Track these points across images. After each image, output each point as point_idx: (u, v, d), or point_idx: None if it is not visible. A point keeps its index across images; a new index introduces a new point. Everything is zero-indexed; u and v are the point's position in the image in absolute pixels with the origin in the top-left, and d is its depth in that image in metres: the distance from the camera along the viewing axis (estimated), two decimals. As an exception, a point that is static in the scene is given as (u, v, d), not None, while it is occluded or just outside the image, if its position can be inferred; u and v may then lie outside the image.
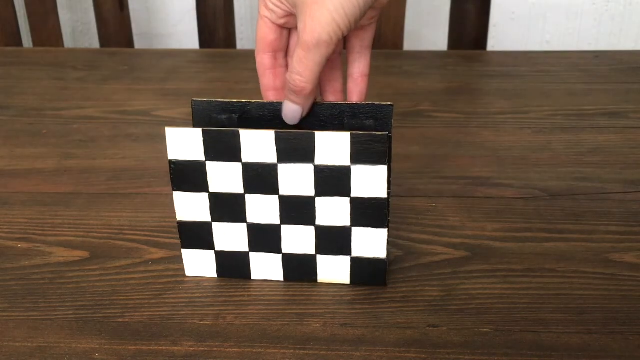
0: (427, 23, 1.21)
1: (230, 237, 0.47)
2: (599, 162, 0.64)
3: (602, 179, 0.61)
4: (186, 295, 0.47)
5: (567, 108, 0.76)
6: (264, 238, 0.47)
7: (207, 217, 0.47)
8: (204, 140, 0.44)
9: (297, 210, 0.46)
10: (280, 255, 0.48)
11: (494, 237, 0.53)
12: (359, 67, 0.48)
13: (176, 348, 0.42)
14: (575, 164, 0.64)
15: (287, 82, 0.45)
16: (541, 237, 0.53)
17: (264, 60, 0.47)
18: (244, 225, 0.47)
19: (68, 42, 1.27)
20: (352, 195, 0.45)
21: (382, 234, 0.46)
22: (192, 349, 0.42)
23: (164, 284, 0.48)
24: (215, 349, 0.42)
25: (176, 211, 0.47)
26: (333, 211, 0.45)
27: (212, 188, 0.46)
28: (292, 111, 0.46)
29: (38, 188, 0.61)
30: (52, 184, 0.62)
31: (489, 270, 0.49)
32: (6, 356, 0.42)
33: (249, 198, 0.46)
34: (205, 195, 0.46)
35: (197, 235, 0.48)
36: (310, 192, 0.45)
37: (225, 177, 0.45)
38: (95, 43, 1.27)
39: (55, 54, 0.98)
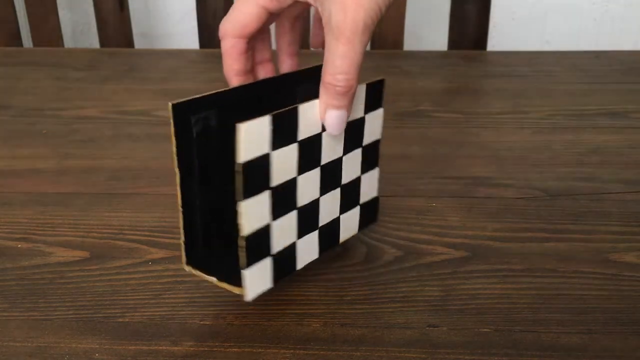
0: (427, 23, 1.21)
1: (284, 232, 0.43)
2: (599, 162, 0.64)
3: (602, 179, 0.61)
4: (186, 295, 0.47)
5: (567, 108, 0.76)
6: (308, 219, 0.44)
7: (267, 219, 0.41)
8: (271, 129, 0.39)
9: (331, 176, 0.44)
10: (317, 232, 0.45)
11: (494, 237, 0.53)
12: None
13: (176, 348, 0.42)
14: (575, 164, 0.64)
15: (328, 86, 0.40)
16: (541, 237, 0.53)
17: (239, 44, 0.44)
18: (295, 212, 0.43)
19: (68, 42, 1.27)
20: (364, 144, 0.46)
21: (375, 174, 0.48)
22: (192, 349, 0.42)
23: (164, 284, 0.48)
24: (215, 349, 0.42)
25: (244, 225, 0.40)
26: (351, 166, 0.46)
27: (274, 182, 0.40)
28: (338, 118, 0.41)
29: (38, 188, 0.61)
30: (52, 184, 0.62)
31: (489, 270, 0.49)
32: (6, 356, 0.42)
33: (300, 179, 0.42)
34: (267, 193, 0.40)
35: (258, 246, 0.41)
36: (340, 153, 0.44)
37: (284, 164, 0.41)
38: (95, 43, 1.27)
39: (55, 54, 0.98)
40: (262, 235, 0.41)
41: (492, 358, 0.41)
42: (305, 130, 0.41)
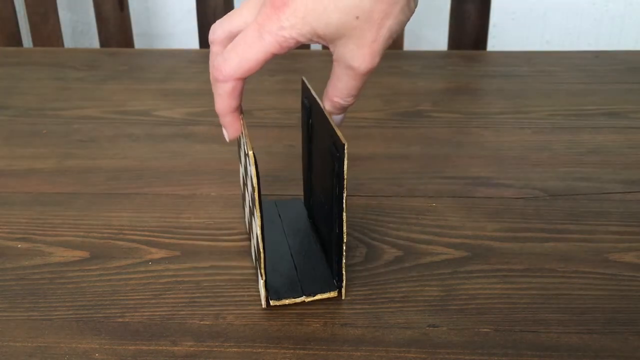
0: (427, 23, 1.21)
1: None
2: (599, 162, 0.64)
3: (602, 179, 0.61)
4: (186, 295, 0.47)
5: (567, 108, 0.76)
6: None
7: None
8: None
9: None
10: None
11: (494, 237, 0.53)
12: None
13: (176, 348, 0.42)
14: (575, 164, 0.64)
15: (334, 101, 0.45)
16: (541, 237, 0.53)
17: (239, 84, 0.43)
18: None
19: (68, 42, 1.27)
20: None
21: None
22: (192, 349, 0.42)
23: (164, 284, 0.48)
24: (215, 349, 0.42)
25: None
26: None
27: None
28: (341, 119, 0.47)
29: (38, 188, 0.61)
30: (52, 184, 0.62)
31: (489, 270, 0.49)
32: (6, 356, 0.42)
33: None
34: None
35: None
36: None
37: None
38: (95, 43, 1.27)
39: (55, 54, 0.98)
40: None
41: (492, 358, 0.41)
42: None
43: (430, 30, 1.21)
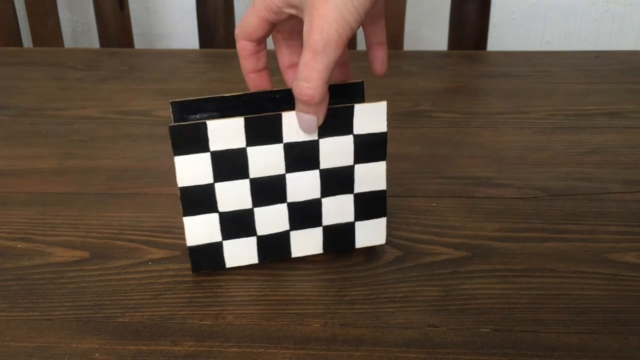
0: (427, 23, 1.21)
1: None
2: (599, 162, 0.64)
3: (602, 179, 0.61)
4: (186, 295, 0.47)
5: (567, 108, 0.76)
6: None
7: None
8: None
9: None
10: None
11: (494, 237, 0.53)
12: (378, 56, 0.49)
13: (176, 348, 0.42)
14: (575, 164, 0.64)
15: (294, 91, 0.43)
16: (541, 237, 0.53)
17: (247, 46, 0.47)
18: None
19: (68, 42, 1.27)
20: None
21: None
22: (192, 349, 0.42)
23: (164, 284, 0.48)
24: (215, 349, 0.42)
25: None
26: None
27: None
28: (307, 122, 0.44)
29: (38, 188, 0.61)
30: (52, 184, 0.62)
31: (489, 270, 0.49)
32: (6, 356, 0.42)
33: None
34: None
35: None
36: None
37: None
38: (95, 43, 1.27)
39: (55, 54, 0.97)
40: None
41: (492, 358, 0.41)
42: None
43: (430, 30, 1.21)
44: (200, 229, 0.47)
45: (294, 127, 0.45)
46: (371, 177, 0.49)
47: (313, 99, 0.42)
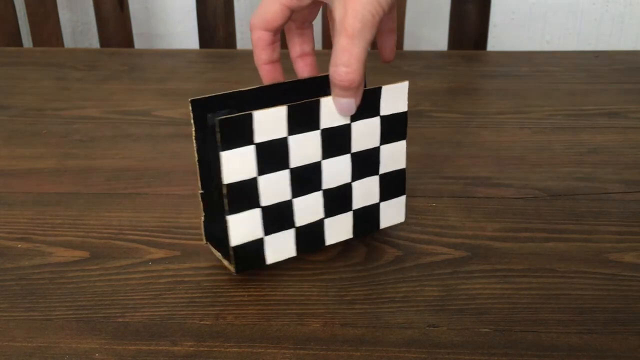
0: (427, 23, 1.21)
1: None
2: (599, 162, 0.64)
3: (602, 179, 0.61)
4: (186, 295, 0.47)
5: (567, 108, 0.76)
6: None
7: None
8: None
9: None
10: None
11: (494, 237, 0.53)
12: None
13: (176, 348, 0.42)
14: (575, 164, 0.64)
15: (332, 77, 0.43)
16: (541, 237, 0.53)
17: (264, 36, 0.47)
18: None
19: (68, 42, 1.27)
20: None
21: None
22: (192, 349, 0.42)
23: (164, 284, 0.48)
24: (215, 349, 0.42)
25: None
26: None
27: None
28: (345, 105, 0.44)
29: (38, 188, 0.61)
30: (52, 184, 0.62)
31: (489, 270, 0.49)
32: (6, 356, 0.42)
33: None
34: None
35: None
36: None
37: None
38: (95, 43, 1.27)
39: (55, 54, 0.98)
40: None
41: (492, 358, 0.41)
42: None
43: (430, 30, 1.21)
44: (244, 227, 0.46)
45: (330, 112, 0.45)
46: (394, 156, 0.50)
47: (353, 83, 0.42)
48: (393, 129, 0.49)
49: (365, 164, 0.49)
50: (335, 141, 0.47)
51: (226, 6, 1.03)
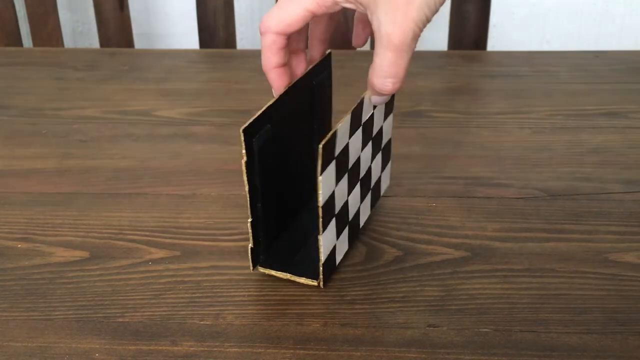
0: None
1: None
2: (599, 162, 0.64)
3: (602, 179, 0.61)
4: (186, 295, 0.47)
5: (567, 108, 0.76)
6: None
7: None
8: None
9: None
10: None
11: (494, 237, 0.53)
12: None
13: (176, 348, 0.42)
14: (575, 164, 0.64)
15: (377, 87, 0.43)
16: (541, 237, 0.53)
17: (279, 40, 0.45)
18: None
19: (68, 42, 1.27)
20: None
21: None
22: (192, 349, 0.42)
23: (164, 284, 0.48)
24: (215, 349, 0.42)
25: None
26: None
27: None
28: (381, 100, 0.47)
29: (38, 188, 0.61)
30: (52, 184, 0.62)
31: (489, 270, 0.49)
32: (6, 356, 0.42)
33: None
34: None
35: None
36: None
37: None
38: (95, 43, 1.27)
39: (55, 54, 0.97)
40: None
41: (492, 358, 0.41)
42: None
43: (430, 30, 1.21)
44: (330, 241, 0.46)
45: (366, 106, 0.47)
46: (388, 129, 0.52)
47: (398, 90, 0.44)
48: (389, 104, 0.51)
49: (376, 143, 0.50)
50: (367, 131, 0.48)
51: (226, 6, 1.03)
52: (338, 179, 0.45)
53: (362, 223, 0.51)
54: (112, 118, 0.75)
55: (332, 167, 0.43)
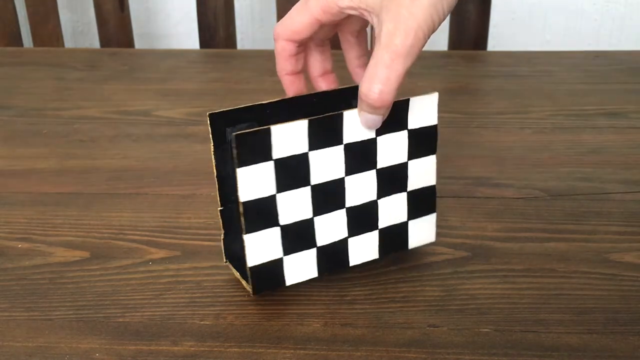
0: (427, 23, 1.21)
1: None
2: (599, 162, 0.64)
3: (602, 179, 0.61)
4: (186, 295, 0.47)
5: (567, 108, 0.76)
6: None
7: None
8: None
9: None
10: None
11: (494, 237, 0.53)
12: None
13: (176, 348, 0.42)
14: (575, 164, 0.64)
15: (363, 95, 0.40)
16: (541, 237, 0.53)
17: (288, 47, 0.45)
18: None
19: (68, 42, 1.27)
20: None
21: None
22: (192, 349, 0.42)
23: (164, 284, 0.48)
24: (216, 349, 0.42)
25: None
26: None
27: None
28: (372, 120, 0.42)
29: (38, 188, 0.61)
30: (52, 184, 0.62)
31: (489, 270, 0.49)
32: (6, 356, 0.42)
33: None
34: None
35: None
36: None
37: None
38: (95, 43, 1.27)
39: (55, 54, 0.98)
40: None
41: (492, 358, 0.41)
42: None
43: (430, 30, 1.21)
44: (262, 247, 0.44)
45: (354, 126, 0.43)
46: (422, 172, 0.47)
47: (385, 103, 0.40)
48: (422, 143, 0.47)
49: (392, 180, 0.46)
50: (360, 157, 0.44)
51: (226, 6, 1.03)
52: (283, 186, 0.43)
53: (353, 260, 0.48)
54: (112, 118, 0.75)
55: (265, 168, 0.42)
